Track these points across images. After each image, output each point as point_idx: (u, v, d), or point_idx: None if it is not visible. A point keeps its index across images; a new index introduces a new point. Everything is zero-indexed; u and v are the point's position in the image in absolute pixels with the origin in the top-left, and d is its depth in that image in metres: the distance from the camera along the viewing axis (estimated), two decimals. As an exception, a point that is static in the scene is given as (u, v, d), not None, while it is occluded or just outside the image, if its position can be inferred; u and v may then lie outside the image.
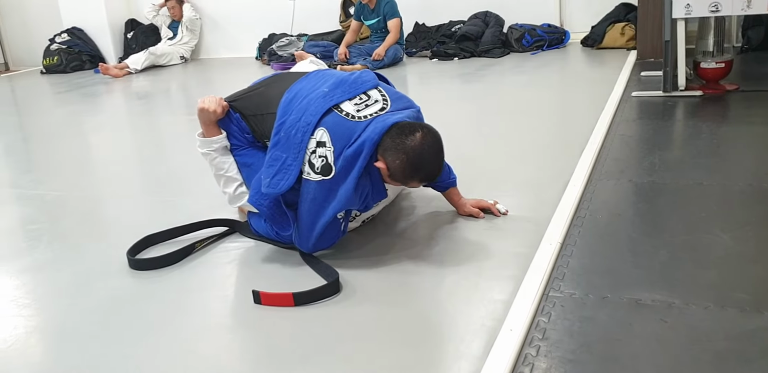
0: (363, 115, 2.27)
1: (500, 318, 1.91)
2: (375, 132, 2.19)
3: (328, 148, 2.21)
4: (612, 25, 6.68)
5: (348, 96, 2.32)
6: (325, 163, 2.20)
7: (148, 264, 2.46)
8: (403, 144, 2.16)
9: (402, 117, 2.27)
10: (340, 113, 2.27)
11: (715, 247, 2.27)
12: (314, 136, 2.25)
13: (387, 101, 2.35)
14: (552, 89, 5.41)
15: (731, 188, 2.81)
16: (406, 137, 2.17)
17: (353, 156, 2.18)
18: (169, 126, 5.23)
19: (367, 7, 6.91)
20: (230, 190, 2.65)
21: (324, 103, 2.29)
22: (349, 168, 2.18)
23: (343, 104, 2.30)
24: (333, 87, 2.37)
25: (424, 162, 2.20)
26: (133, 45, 8.71)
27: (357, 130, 2.21)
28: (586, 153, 3.31)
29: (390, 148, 2.17)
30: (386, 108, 2.32)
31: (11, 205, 3.41)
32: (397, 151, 2.17)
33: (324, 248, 2.37)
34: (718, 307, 1.89)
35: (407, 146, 2.16)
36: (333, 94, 2.32)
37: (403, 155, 2.16)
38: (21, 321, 2.14)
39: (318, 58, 3.56)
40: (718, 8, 4.19)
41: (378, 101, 2.34)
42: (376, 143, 2.18)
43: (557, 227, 2.48)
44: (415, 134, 2.17)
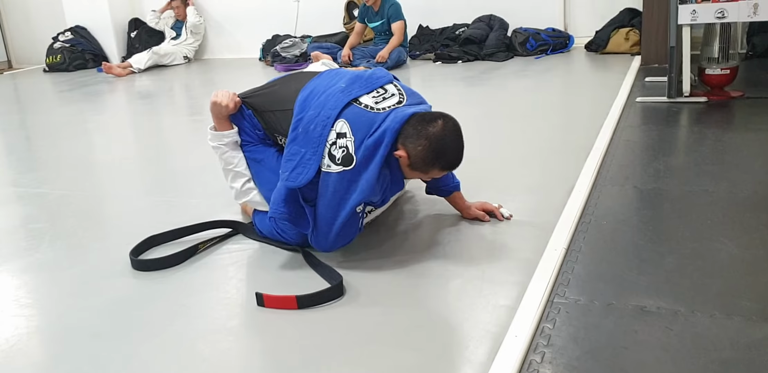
0: (382, 107, 2.29)
1: (505, 324, 1.90)
2: (396, 121, 2.21)
3: (348, 139, 2.22)
4: (616, 30, 6.68)
5: (366, 90, 2.35)
6: (346, 153, 2.21)
7: (150, 265, 2.45)
8: (426, 130, 2.19)
9: (420, 109, 2.31)
10: (359, 105, 2.29)
11: (720, 254, 2.26)
12: (334, 128, 2.25)
13: (403, 95, 2.38)
14: (556, 94, 5.41)
15: (737, 195, 2.80)
16: (428, 124, 2.20)
17: (374, 145, 2.20)
18: (172, 126, 5.22)
19: (372, 9, 6.91)
20: (237, 185, 2.65)
21: (343, 97, 2.31)
22: (370, 157, 2.20)
23: (362, 97, 2.32)
24: (350, 82, 2.38)
25: (446, 148, 2.22)
26: (136, 44, 8.71)
27: (377, 121, 2.23)
28: (591, 158, 3.30)
29: (411, 136, 2.20)
30: (403, 101, 2.34)
31: (13, 204, 3.39)
32: (419, 138, 2.19)
33: (342, 245, 2.36)
34: (724, 315, 1.88)
35: (429, 132, 2.19)
36: (351, 89, 2.34)
37: (425, 141, 2.19)
38: (22, 321, 2.13)
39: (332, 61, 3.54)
40: (724, 14, 4.18)
41: (395, 95, 2.37)
42: (397, 132, 2.21)
43: (562, 233, 2.47)
44: (436, 121, 2.21)
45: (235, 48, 8.67)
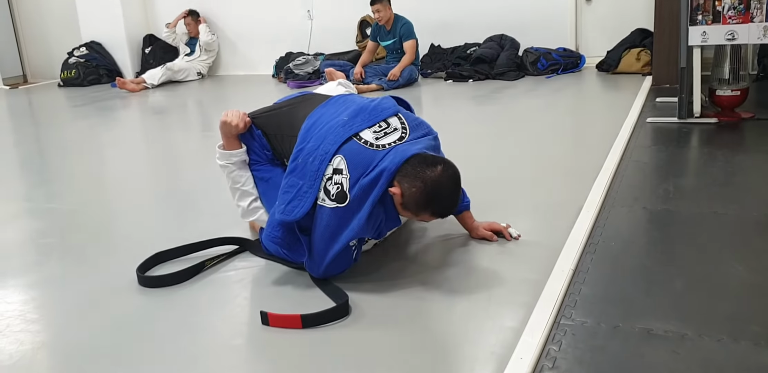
0: (382, 144, 2.27)
1: (510, 346, 1.89)
2: (394, 162, 2.18)
3: (344, 176, 2.20)
4: (628, 50, 6.69)
5: (368, 124, 2.33)
6: (340, 190, 2.19)
7: (157, 281, 2.45)
8: (423, 173, 2.15)
9: (421, 148, 2.27)
10: (359, 141, 2.27)
11: (729, 277, 2.24)
12: (331, 164, 2.24)
13: (406, 129, 2.36)
14: (566, 113, 5.40)
15: (746, 218, 2.78)
16: (427, 167, 2.16)
17: (369, 185, 2.17)
18: (184, 142, 5.25)
19: (384, 28, 6.95)
20: (244, 204, 2.65)
21: (343, 132, 2.30)
22: (364, 197, 2.17)
23: (363, 132, 2.30)
24: (353, 115, 2.37)
25: (440, 195, 2.18)
26: (150, 60, 8.79)
27: (375, 159, 2.21)
28: (600, 179, 3.29)
29: (408, 175, 2.16)
30: (405, 137, 2.32)
31: (24, 218, 3.41)
32: (415, 179, 2.15)
33: (334, 274, 2.35)
34: (732, 339, 1.86)
35: (426, 176, 2.15)
36: (352, 123, 2.33)
37: (420, 183, 2.15)
38: (28, 336, 2.13)
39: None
40: (735, 36, 4.19)
41: (397, 129, 2.34)
42: (394, 173, 2.17)
43: (570, 254, 2.46)
44: (436, 166, 2.17)
45: (249, 65, 8.73)
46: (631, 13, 6.95)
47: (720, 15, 4.20)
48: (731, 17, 4.18)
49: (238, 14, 8.61)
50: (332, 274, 2.34)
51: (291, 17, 8.33)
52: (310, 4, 8.24)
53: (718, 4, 4.20)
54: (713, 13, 4.22)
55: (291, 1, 8.30)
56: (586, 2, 7.24)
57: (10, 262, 2.81)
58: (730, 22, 4.19)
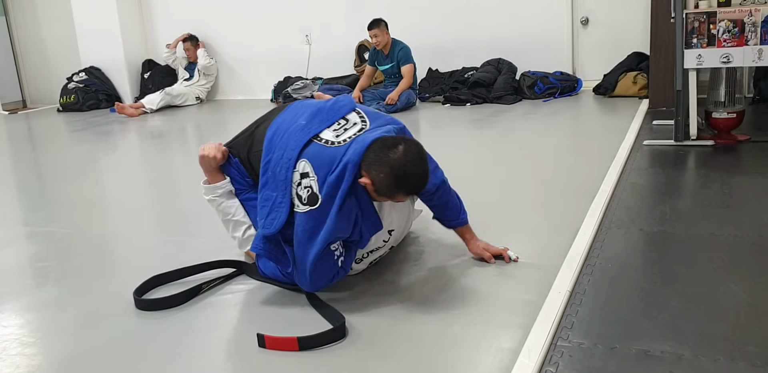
0: (342, 139, 2.28)
1: (507, 367, 1.89)
2: (356, 153, 2.19)
3: (311, 178, 2.22)
4: (624, 73, 6.74)
5: (326, 124, 2.35)
6: (310, 193, 2.21)
7: (154, 305, 2.45)
8: (387, 157, 2.16)
9: (382, 133, 2.28)
10: (320, 142, 2.29)
11: (726, 298, 2.24)
12: (297, 169, 2.26)
13: (366, 121, 2.37)
14: (563, 136, 5.43)
15: (743, 239, 2.79)
16: (389, 150, 2.16)
17: (336, 180, 2.18)
18: (183, 166, 5.26)
19: (382, 52, 7.00)
20: (239, 234, 2.65)
21: (302, 135, 2.32)
22: (333, 193, 2.19)
23: (323, 133, 2.32)
24: (310, 117, 2.38)
25: (408, 173, 2.19)
26: (149, 85, 8.84)
27: (338, 155, 2.22)
28: (597, 201, 3.30)
29: (373, 163, 2.17)
30: (365, 128, 2.33)
31: (22, 242, 3.41)
32: (381, 165, 2.16)
33: (323, 285, 2.34)
34: (729, 360, 1.86)
35: (390, 159, 2.15)
36: (311, 126, 2.34)
37: (387, 168, 2.16)
38: (24, 360, 2.12)
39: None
40: (730, 59, 4.22)
41: (356, 123, 2.36)
42: (359, 164, 2.18)
43: (567, 275, 2.46)
44: (397, 147, 2.17)
45: (247, 89, 8.78)
46: (628, 36, 7.00)
47: (715, 38, 4.24)
48: (726, 40, 4.22)
49: (237, 39, 8.67)
50: (320, 284, 2.33)
51: (289, 42, 8.39)
52: (308, 29, 8.31)
53: (713, 28, 4.24)
54: (708, 37, 4.26)
55: (289, 26, 8.36)
56: (583, 26, 7.30)
57: (7, 285, 2.81)
58: (725, 45, 4.23)
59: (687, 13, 4.28)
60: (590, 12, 7.23)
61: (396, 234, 2.67)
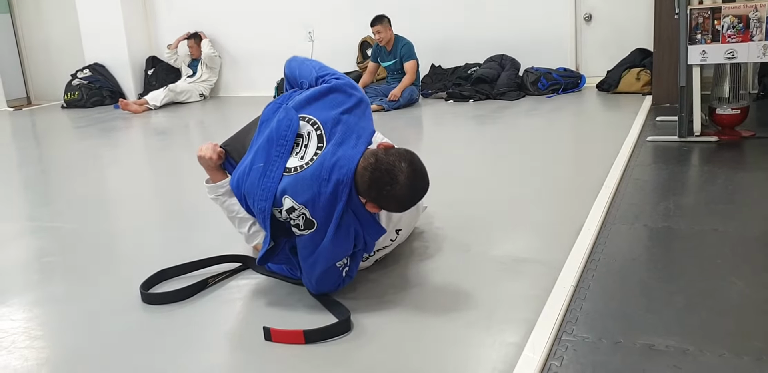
0: (309, 159, 2.22)
1: (512, 362, 1.90)
2: (342, 173, 2.15)
3: (299, 207, 2.19)
4: (628, 70, 6.73)
5: (286, 156, 2.27)
6: (305, 219, 2.19)
7: (160, 299, 2.46)
8: (392, 192, 2.13)
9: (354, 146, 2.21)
10: (290, 173, 2.23)
11: (730, 294, 2.25)
12: (282, 207, 2.22)
13: (319, 127, 2.28)
14: (567, 133, 5.44)
15: (747, 235, 2.79)
16: (392, 186, 2.12)
17: (330, 201, 2.15)
18: (186, 162, 5.26)
19: (384, 49, 7.00)
20: (245, 230, 2.64)
21: (268, 183, 2.25)
22: (329, 214, 2.17)
23: (289, 163, 2.25)
24: (265, 154, 2.29)
25: (415, 198, 2.22)
26: (153, 82, 8.85)
27: (316, 175, 2.17)
28: (601, 197, 3.31)
29: (378, 198, 2.15)
30: (323, 135, 2.25)
31: (27, 237, 3.43)
32: (388, 201, 2.16)
33: (329, 291, 2.36)
34: (733, 354, 1.87)
35: (396, 193, 2.13)
36: (270, 167, 2.26)
37: (395, 203, 2.18)
38: (32, 353, 2.14)
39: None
40: (734, 55, 4.22)
41: (311, 132, 2.28)
42: (351, 184, 2.15)
43: (571, 271, 2.47)
44: (398, 179, 2.12)
45: (250, 86, 8.78)
46: (631, 33, 7.00)
47: (719, 34, 4.24)
48: (730, 36, 4.21)
49: (240, 36, 8.68)
50: (326, 290, 2.35)
51: (292, 39, 8.39)
52: (311, 26, 8.31)
53: (717, 23, 4.23)
54: (712, 32, 4.26)
55: (292, 23, 8.37)
56: (586, 22, 7.30)
57: (14, 280, 2.82)
58: (729, 41, 4.22)
59: (691, 9, 4.28)
60: (593, 8, 7.23)
61: (403, 232, 2.68)
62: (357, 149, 2.20)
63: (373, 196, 2.15)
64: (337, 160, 2.17)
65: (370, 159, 2.16)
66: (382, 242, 2.55)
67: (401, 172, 2.12)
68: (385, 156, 2.16)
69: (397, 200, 2.16)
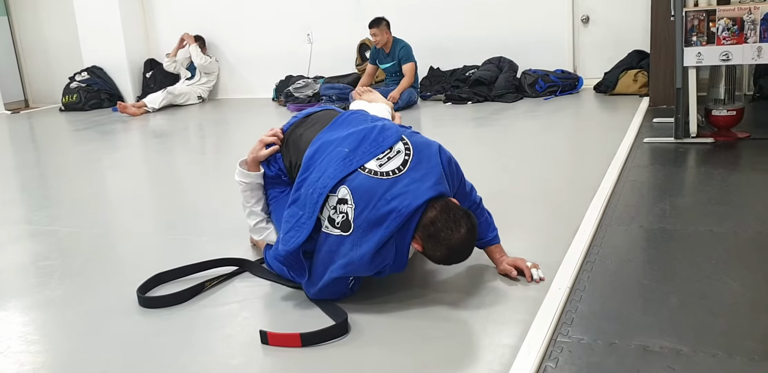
0: (385, 171, 2.24)
1: (507, 363, 1.90)
2: (404, 204, 2.15)
3: (349, 206, 2.20)
4: (625, 71, 6.75)
5: (371, 156, 2.31)
6: (345, 219, 2.19)
7: (157, 302, 2.47)
8: (448, 239, 2.15)
9: (432, 185, 2.22)
10: (363, 171, 2.26)
11: (725, 294, 2.26)
12: (336, 194, 2.23)
13: (410, 151, 2.32)
14: (564, 134, 5.45)
15: (742, 236, 2.80)
16: (452, 232, 2.15)
17: (377, 221, 2.15)
18: (184, 165, 5.28)
19: (383, 51, 7.01)
20: (251, 222, 2.69)
21: (344, 166, 2.28)
22: (367, 231, 2.16)
23: (367, 163, 2.28)
24: (355, 146, 2.34)
25: (460, 256, 2.24)
26: (151, 84, 8.85)
27: (380, 190, 2.19)
28: (597, 198, 3.32)
29: (432, 238, 2.16)
30: (408, 160, 2.29)
31: (25, 241, 3.43)
32: (439, 244, 2.17)
33: (327, 298, 2.35)
34: (727, 355, 1.88)
35: (451, 241, 2.16)
36: (354, 156, 2.31)
37: (445, 249, 2.18)
38: (28, 357, 2.14)
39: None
40: (729, 57, 4.24)
41: (400, 152, 2.31)
42: (406, 217, 2.15)
43: (567, 272, 2.48)
44: (459, 230, 2.15)
45: (249, 88, 8.79)
46: (628, 35, 7.02)
47: (714, 36, 4.26)
48: (725, 38, 4.23)
49: (238, 38, 8.68)
50: (324, 297, 2.35)
51: (291, 41, 8.41)
52: (309, 28, 8.32)
53: (713, 26, 4.25)
54: (708, 35, 4.28)
55: (291, 25, 8.38)
56: (584, 25, 7.31)
57: (11, 284, 2.83)
58: (724, 43, 4.24)
59: (687, 11, 4.30)
60: (591, 10, 7.25)
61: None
62: (429, 192, 2.20)
63: (430, 233, 2.16)
64: (407, 191, 2.18)
65: (443, 202, 2.20)
66: None
67: (464, 225, 2.17)
68: (456, 207, 2.22)
69: (449, 246, 2.17)
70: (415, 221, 2.17)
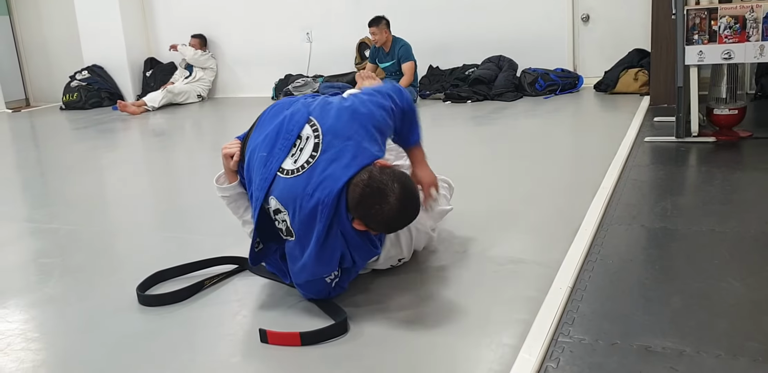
0: (299, 166, 2.17)
1: (508, 363, 1.89)
2: (325, 194, 2.09)
3: (284, 213, 2.18)
4: (625, 70, 6.74)
5: (285, 152, 2.22)
6: (286, 227, 2.19)
7: (157, 300, 2.46)
8: (381, 213, 2.07)
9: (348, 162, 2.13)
10: (282, 174, 2.19)
11: (727, 294, 2.25)
12: (269, 205, 2.22)
13: (318, 131, 2.21)
14: (564, 133, 5.44)
15: (744, 235, 2.79)
16: (381, 206, 2.06)
17: (308, 219, 2.12)
18: (184, 163, 5.27)
19: (382, 50, 7.00)
20: (246, 230, 2.63)
21: (265, 174, 2.22)
22: (307, 231, 2.14)
23: (284, 163, 2.21)
24: (270, 145, 2.26)
25: (405, 220, 2.17)
26: (151, 83, 8.85)
27: (299, 188, 2.14)
28: (598, 197, 3.31)
29: (367, 216, 2.10)
30: (319, 142, 2.18)
31: (25, 239, 3.43)
32: (376, 220, 2.10)
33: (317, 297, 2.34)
34: (730, 356, 1.86)
35: (386, 215, 2.08)
36: (271, 159, 2.23)
37: (384, 223, 2.13)
38: (29, 355, 2.13)
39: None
40: (731, 56, 4.22)
41: (309, 137, 2.21)
42: (334, 205, 2.09)
43: (568, 272, 2.47)
44: (388, 201, 2.06)
45: (248, 87, 8.78)
46: (628, 33, 7.01)
47: (716, 34, 4.25)
48: (727, 36, 4.22)
49: (238, 37, 8.68)
50: (315, 296, 2.34)
51: (290, 40, 8.40)
52: (309, 27, 8.31)
53: (714, 24, 4.24)
54: (709, 33, 4.26)
55: (290, 24, 8.37)
56: (584, 23, 7.30)
57: (12, 281, 2.82)
58: (726, 41, 4.23)
59: (688, 10, 4.28)
60: (591, 9, 7.24)
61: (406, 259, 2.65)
62: (347, 170, 2.11)
63: (361, 213, 2.10)
64: (325, 178, 2.11)
65: (363, 175, 2.10)
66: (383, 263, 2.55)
67: (392, 192, 2.06)
68: (378, 174, 2.10)
69: (385, 220, 2.10)
70: (343, 205, 2.11)
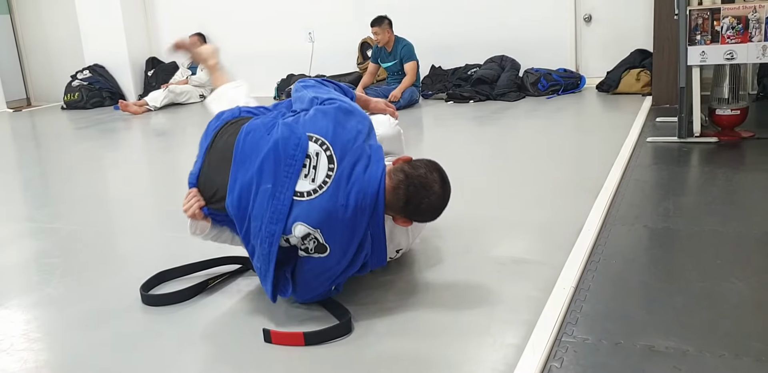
0: (320, 184, 2.11)
1: (512, 363, 1.89)
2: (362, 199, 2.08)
3: (315, 232, 2.11)
4: (627, 70, 6.73)
5: (296, 176, 2.13)
6: (317, 243, 2.12)
7: (160, 300, 2.46)
8: (430, 204, 2.14)
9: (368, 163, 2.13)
10: (302, 198, 2.11)
11: (730, 294, 2.25)
12: (294, 234, 2.12)
13: (326, 144, 2.15)
14: (567, 133, 5.43)
15: (747, 236, 2.79)
16: (429, 198, 2.13)
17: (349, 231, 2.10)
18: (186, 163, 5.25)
19: (385, 49, 7.00)
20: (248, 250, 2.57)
21: (279, 205, 2.13)
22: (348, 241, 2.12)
23: (299, 186, 2.13)
24: (272, 176, 2.15)
25: (446, 204, 2.22)
26: (152, 82, 8.85)
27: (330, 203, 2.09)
28: (601, 198, 3.31)
29: (417, 213, 2.16)
30: (332, 153, 2.14)
31: (27, 239, 3.43)
32: (424, 212, 2.17)
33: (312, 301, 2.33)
34: (733, 355, 1.86)
35: (434, 205, 2.16)
36: (280, 189, 2.13)
37: (429, 213, 2.19)
38: (31, 355, 2.13)
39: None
40: (734, 56, 4.22)
41: (319, 153, 2.15)
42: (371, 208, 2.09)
43: (571, 272, 2.47)
44: (434, 190, 2.13)
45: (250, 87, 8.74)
46: (631, 33, 7.00)
47: (719, 35, 4.24)
48: (730, 37, 4.22)
49: (240, 36, 8.67)
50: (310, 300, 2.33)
51: (292, 39, 8.40)
52: (311, 27, 8.31)
53: (717, 24, 4.24)
54: (712, 33, 4.26)
55: (292, 24, 8.37)
56: (586, 23, 7.30)
57: (14, 282, 2.82)
58: (728, 41, 4.22)
59: (690, 10, 4.28)
60: (593, 9, 7.24)
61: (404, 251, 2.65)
62: (373, 172, 2.11)
63: (411, 211, 2.15)
64: (354, 184, 2.09)
65: (399, 176, 2.13)
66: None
67: (435, 182, 2.15)
68: (413, 170, 2.14)
69: (434, 209, 2.18)
70: (381, 206, 2.11)
